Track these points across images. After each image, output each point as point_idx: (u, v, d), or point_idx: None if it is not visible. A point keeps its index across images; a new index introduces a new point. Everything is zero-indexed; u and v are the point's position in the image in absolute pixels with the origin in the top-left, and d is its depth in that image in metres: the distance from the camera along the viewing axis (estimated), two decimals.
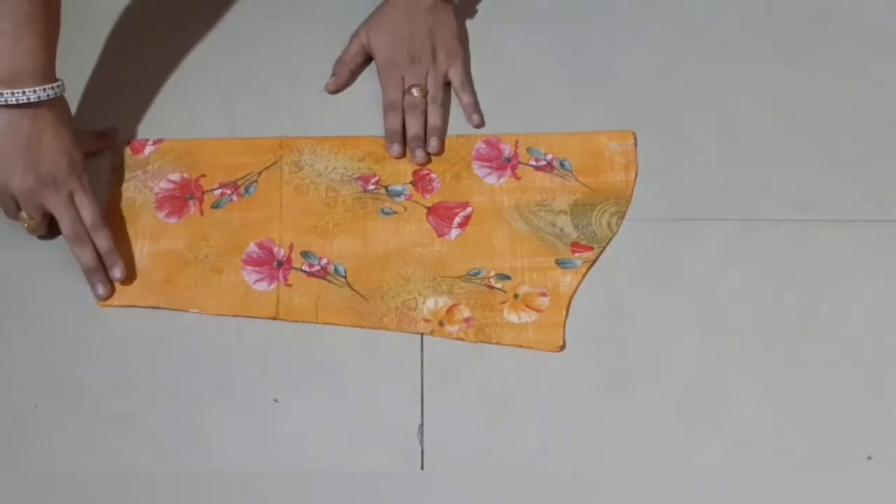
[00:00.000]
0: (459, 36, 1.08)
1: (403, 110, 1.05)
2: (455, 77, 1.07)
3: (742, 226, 1.01)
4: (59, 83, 0.96)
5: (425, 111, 1.05)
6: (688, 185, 1.03)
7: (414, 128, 1.04)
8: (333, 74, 1.08)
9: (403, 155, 1.04)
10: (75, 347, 0.95)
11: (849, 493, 0.90)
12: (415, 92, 1.05)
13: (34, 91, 0.93)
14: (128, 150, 1.04)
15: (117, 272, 0.97)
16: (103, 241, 0.97)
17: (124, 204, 1.01)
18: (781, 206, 1.02)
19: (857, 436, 0.93)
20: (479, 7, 1.13)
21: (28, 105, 0.93)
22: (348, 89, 1.07)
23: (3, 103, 0.93)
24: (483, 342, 0.96)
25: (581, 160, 1.04)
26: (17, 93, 0.92)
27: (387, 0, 1.08)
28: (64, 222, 0.96)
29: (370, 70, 1.09)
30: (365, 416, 0.93)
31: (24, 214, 0.96)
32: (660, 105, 1.07)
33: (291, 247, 1.00)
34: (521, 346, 0.96)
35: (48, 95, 0.94)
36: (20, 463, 0.91)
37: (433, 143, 1.03)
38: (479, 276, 0.99)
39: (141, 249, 0.99)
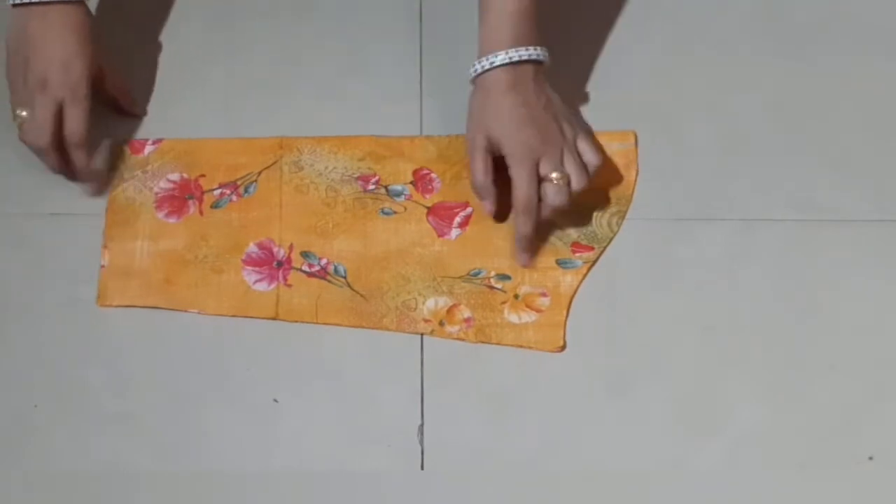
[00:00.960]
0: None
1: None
2: (590, 157, 0.97)
3: (742, 226, 1.01)
4: None
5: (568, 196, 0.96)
6: (688, 185, 1.03)
7: (548, 215, 0.96)
8: (482, 198, 0.98)
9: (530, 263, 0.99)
10: (75, 347, 0.95)
11: (849, 493, 0.90)
12: (555, 180, 0.94)
13: None
14: (127, 150, 1.04)
15: (90, 190, 1.00)
16: (79, 159, 0.98)
17: (124, 204, 1.01)
18: (781, 206, 1.02)
19: (857, 436, 0.93)
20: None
21: (37, 4, 0.95)
22: (347, 89, 1.07)
23: (13, 3, 0.95)
24: (483, 342, 0.96)
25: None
26: None
27: (484, 89, 0.96)
28: (35, 124, 0.96)
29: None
30: (365, 416, 0.93)
31: (16, 112, 0.97)
32: (660, 105, 1.07)
33: (291, 247, 1.00)
34: (521, 347, 0.96)
35: None
36: (20, 463, 0.91)
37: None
38: (480, 276, 0.99)
39: (140, 249, 0.99)
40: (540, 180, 0.95)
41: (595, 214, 1.01)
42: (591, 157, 0.97)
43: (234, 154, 1.04)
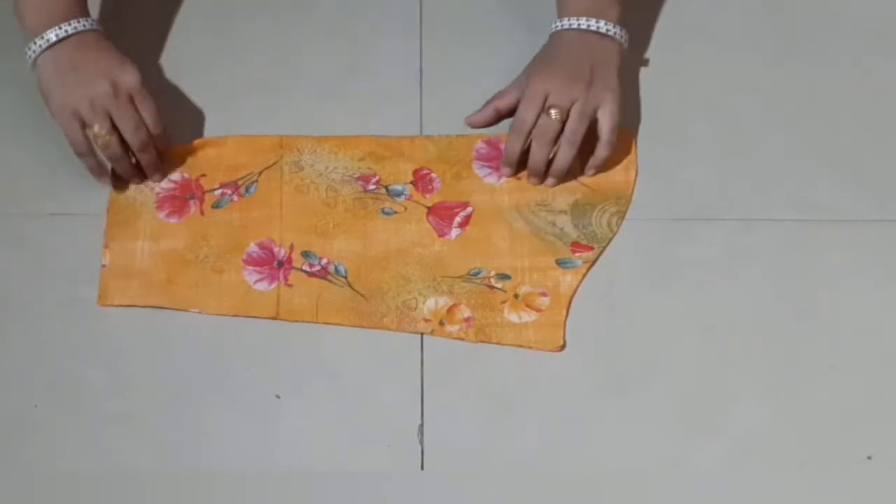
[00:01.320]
0: (620, 78, 1.00)
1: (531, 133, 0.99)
2: (605, 120, 0.99)
3: (742, 226, 1.01)
4: (91, 19, 1.00)
5: (555, 141, 0.99)
6: (688, 185, 1.03)
7: (537, 160, 1.00)
8: (481, 110, 1.04)
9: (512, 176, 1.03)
10: (75, 347, 0.95)
11: (849, 493, 0.90)
12: (552, 114, 0.97)
13: (61, 27, 0.97)
14: None
15: (156, 180, 1.02)
16: (162, 142, 1.01)
17: (125, 204, 1.01)
18: (781, 206, 1.02)
19: (857, 436, 0.93)
20: (480, 6, 1.13)
21: (66, 38, 0.98)
22: (347, 89, 1.07)
23: (45, 46, 0.97)
24: (483, 342, 0.96)
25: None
26: (52, 31, 0.97)
27: (552, 40, 1.02)
28: (126, 128, 0.98)
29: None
30: (365, 416, 0.93)
31: (93, 130, 0.97)
32: (660, 105, 1.07)
33: (292, 247, 1.00)
34: (521, 346, 0.96)
35: (83, 27, 0.99)
36: (20, 463, 0.91)
37: (550, 182, 1.01)
38: (480, 275, 0.99)
39: (141, 249, 0.99)
40: (539, 113, 0.98)
41: (595, 214, 1.01)
42: (605, 132, 0.99)
43: (234, 154, 1.04)
